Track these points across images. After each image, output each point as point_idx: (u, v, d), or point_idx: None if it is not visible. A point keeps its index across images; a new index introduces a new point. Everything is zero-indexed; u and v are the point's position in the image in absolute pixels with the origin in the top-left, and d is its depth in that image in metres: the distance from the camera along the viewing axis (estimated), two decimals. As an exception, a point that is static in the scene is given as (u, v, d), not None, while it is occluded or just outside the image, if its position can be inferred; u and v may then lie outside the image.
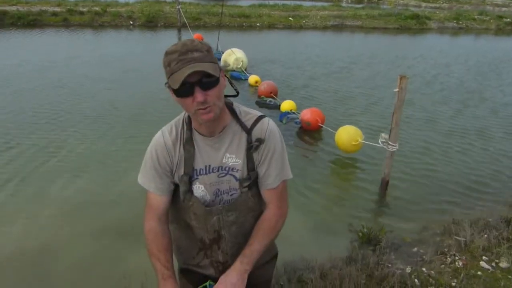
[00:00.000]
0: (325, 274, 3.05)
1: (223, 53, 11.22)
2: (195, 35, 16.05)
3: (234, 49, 10.87)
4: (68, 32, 16.17)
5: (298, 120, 6.86)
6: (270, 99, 8.21)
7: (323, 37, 18.01)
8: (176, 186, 1.67)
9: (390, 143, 4.56)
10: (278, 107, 7.73)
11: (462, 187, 5.05)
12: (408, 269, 3.25)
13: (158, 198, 1.63)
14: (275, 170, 1.63)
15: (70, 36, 15.47)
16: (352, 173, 5.57)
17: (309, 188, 4.84)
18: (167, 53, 1.40)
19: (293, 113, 7.26)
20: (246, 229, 1.71)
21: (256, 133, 1.60)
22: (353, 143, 5.56)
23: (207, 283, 1.62)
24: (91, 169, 5.12)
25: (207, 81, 1.40)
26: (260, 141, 1.59)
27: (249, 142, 1.59)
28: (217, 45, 12.83)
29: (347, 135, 5.66)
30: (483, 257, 3.39)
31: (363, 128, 6.01)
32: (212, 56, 1.44)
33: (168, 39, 15.58)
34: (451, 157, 5.97)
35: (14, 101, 7.75)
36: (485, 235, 3.72)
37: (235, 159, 1.60)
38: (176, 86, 1.37)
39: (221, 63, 11.19)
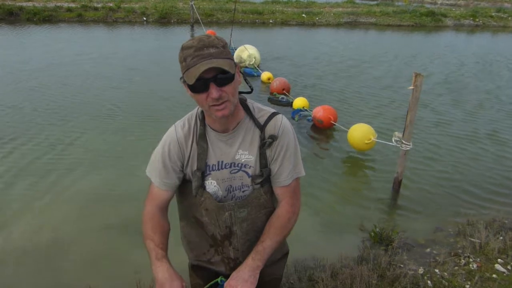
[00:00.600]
0: (336, 273, 3.02)
1: (236, 49, 11.19)
2: (208, 31, 16.07)
3: (247, 46, 10.84)
4: (82, 28, 16.31)
5: (310, 117, 6.81)
6: (283, 96, 8.18)
7: (336, 35, 17.86)
8: (184, 182, 1.66)
9: (403, 141, 4.49)
10: (290, 104, 7.69)
11: (477, 188, 4.96)
12: (421, 270, 3.20)
13: (161, 192, 1.63)
14: (288, 167, 1.62)
15: (84, 32, 15.60)
16: (364, 172, 5.51)
17: (321, 186, 4.80)
18: (183, 48, 1.39)
19: (305, 110, 7.21)
20: (257, 226, 1.70)
21: (269, 129, 1.59)
22: (366, 141, 5.50)
23: (219, 279, 1.61)
24: (104, 164, 5.15)
25: (222, 77, 1.38)
26: (273, 138, 1.57)
27: (262, 138, 1.58)
28: (230, 41, 12.80)
29: (360, 133, 5.60)
30: (499, 260, 3.32)
31: (376, 126, 5.94)
32: (228, 52, 1.43)
33: (181, 36, 15.62)
34: (466, 157, 5.86)
35: (28, 96, 7.85)
36: (501, 237, 3.65)
37: (247, 156, 1.59)
38: (191, 82, 1.36)
39: (234, 60, 11.17)
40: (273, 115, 1.61)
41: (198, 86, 1.38)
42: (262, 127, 1.58)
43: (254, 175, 1.62)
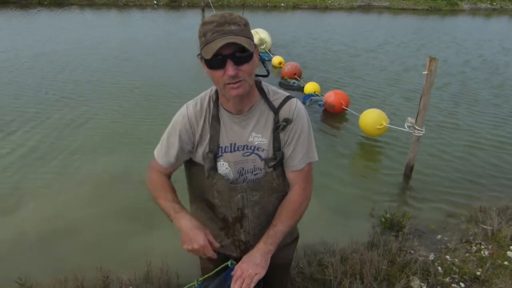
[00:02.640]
0: (345, 258, 3.02)
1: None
2: (219, 15, 15.93)
3: (258, 29, 10.72)
4: (92, 12, 16.30)
5: (321, 102, 6.75)
6: (294, 80, 8.11)
7: (348, 18, 17.60)
8: (194, 164, 1.66)
9: (416, 127, 4.44)
10: (301, 89, 7.62)
11: (490, 174, 4.89)
12: (432, 257, 3.18)
13: (163, 168, 1.66)
14: (301, 151, 1.61)
15: (94, 15, 15.60)
16: (376, 157, 5.48)
17: (332, 171, 4.78)
18: (204, 23, 1.37)
19: (317, 95, 7.15)
20: (269, 210, 1.69)
21: (283, 113, 1.57)
22: (378, 126, 5.44)
23: (229, 263, 1.61)
24: (119, 147, 5.18)
25: (240, 56, 1.36)
26: (288, 121, 1.56)
27: (276, 122, 1.57)
28: (241, 25, 12.66)
29: (371, 118, 5.54)
30: (511, 247, 3.29)
31: (388, 111, 5.87)
32: (249, 31, 1.41)
33: (191, 19, 15.53)
34: (479, 143, 5.77)
35: (43, 78, 7.90)
36: (514, 225, 3.61)
37: (261, 138, 1.58)
38: (208, 56, 1.34)
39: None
40: (287, 98, 1.60)
41: (215, 62, 1.36)
42: (276, 110, 1.57)
43: (267, 158, 1.60)
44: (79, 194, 4.12)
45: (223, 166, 1.60)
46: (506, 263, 3.09)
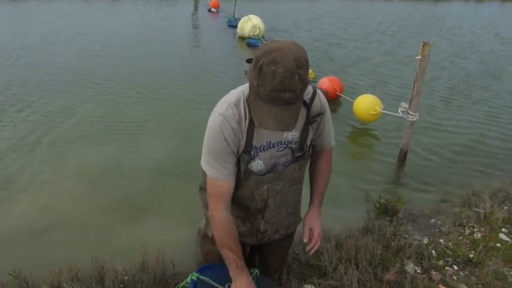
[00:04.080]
0: (341, 244, 3.04)
1: (239, 20, 10.99)
2: (211, 2, 15.79)
3: (251, 16, 10.64)
4: (85, 0, 16.06)
5: (316, 88, 6.71)
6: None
7: (341, 4, 17.45)
8: None
9: (410, 112, 4.44)
10: (295, 75, 7.57)
11: (482, 159, 4.92)
12: (426, 240, 3.21)
13: (228, 183, 1.60)
14: (331, 132, 1.87)
15: (87, 4, 15.37)
16: (370, 143, 5.48)
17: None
18: (267, 66, 1.29)
19: (311, 81, 7.11)
20: (287, 201, 1.76)
21: (315, 108, 1.65)
22: (372, 112, 5.44)
23: (254, 274, 1.77)
24: (111, 137, 5.13)
25: None
26: (320, 115, 1.67)
27: (308, 117, 1.63)
28: (234, 12, 12.58)
29: (365, 104, 5.54)
30: (503, 229, 3.33)
31: (382, 97, 5.86)
32: (303, 92, 1.38)
33: (184, 6, 15.35)
34: (472, 128, 5.80)
35: (34, 68, 7.80)
36: (505, 207, 3.64)
37: (294, 133, 1.63)
38: (255, 122, 1.40)
39: (238, 31, 11.00)
40: (315, 92, 1.66)
41: None
42: (308, 106, 1.62)
43: (295, 149, 1.67)
44: (72, 186, 4.08)
45: (258, 165, 1.63)
46: (498, 245, 3.12)
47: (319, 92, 1.69)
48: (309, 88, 1.62)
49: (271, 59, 1.27)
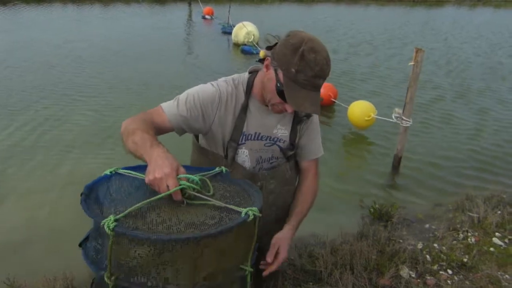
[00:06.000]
0: (336, 249, 3.05)
1: (234, 26, 11.04)
2: (205, 9, 15.85)
3: (245, 23, 10.69)
4: (75, 7, 16.06)
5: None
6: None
7: (336, 11, 17.61)
8: (206, 152, 1.66)
9: (404, 118, 4.48)
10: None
11: (476, 164, 4.97)
12: (420, 245, 3.23)
13: (167, 121, 1.49)
14: (318, 141, 1.76)
15: (78, 11, 15.37)
16: (364, 149, 5.51)
17: (321, 164, 4.77)
18: (306, 55, 1.34)
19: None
20: (279, 202, 1.75)
21: None
22: (366, 118, 5.48)
23: (223, 169, 1.42)
24: (104, 144, 5.12)
25: None
26: (308, 116, 1.67)
27: (296, 116, 1.65)
28: (228, 18, 12.64)
29: (360, 110, 5.57)
30: (496, 234, 3.35)
31: (376, 103, 5.90)
32: None
33: (178, 13, 15.39)
34: (466, 134, 5.86)
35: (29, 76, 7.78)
36: (499, 212, 3.68)
37: (283, 131, 1.65)
38: (288, 101, 1.39)
39: (232, 37, 11.05)
40: None
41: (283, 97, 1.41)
42: None
43: (285, 148, 1.67)
44: (65, 193, 4.05)
45: (243, 154, 1.63)
46: (492, 249, 3.15)
47: None
48: None
49: (311, 47, 1.34)
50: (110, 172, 1.31)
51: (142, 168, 1.25)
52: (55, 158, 4.75)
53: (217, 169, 1.39)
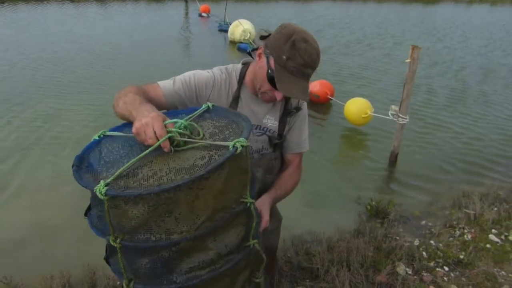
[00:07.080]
0: (332, 246, 3.05)
1: (230, 24, 11.02)
2: (202, 7, 15.82)
3: (241, 20, 10.67)
4: (73, 6, 15.98)
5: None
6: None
7: (333, 8, 17.60)
8: None
9: (400, 115, 4.48)
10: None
11: (472, 161, 4.98)
12: (416, 242, 3.24)
13: (162, 95, 1.53)
14: (304, 135, 1.77)
15: (75, 9, 15.30)
16: (361, 146, 5.52)
17: (318, 161, 4.81)
18: (297, 44, 1.41)
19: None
20: (262, 190, 1.73)
21: (294, 101, 1.70)
22: (363, 115, 5.48)
23: (210, 105, 1.38)
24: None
25: None
26: (298, 109, 1.70)
27: (286, 108, 1.68)
28: (225, 16, 12.61)
29: (356, 107, 5.58)
30: (492, 230, 3.37)
31: (373, 100, 5.91)
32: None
33: (174, 11, 15.34)
34: (462, 131, 5.87)
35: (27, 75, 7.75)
36: (495, 208, 3.69)
37: (273, 121, 1.68)
38: (277, 86, 1.43)
39: (229, 35, 11.03)
40: None
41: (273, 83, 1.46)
42: (288, 98, 1.67)
43: (273, 137, 1.70)
44: (61, 192, 4.04)
45: None
46: (488, 246, 3.16)
47: None
48: None
49: (302, 37, 1.42)
50: (98, 136, 1.30)
51: (129, 126, 1.23)
52: (52, 157, 4.73)
53: (203, 106, 1.36)
